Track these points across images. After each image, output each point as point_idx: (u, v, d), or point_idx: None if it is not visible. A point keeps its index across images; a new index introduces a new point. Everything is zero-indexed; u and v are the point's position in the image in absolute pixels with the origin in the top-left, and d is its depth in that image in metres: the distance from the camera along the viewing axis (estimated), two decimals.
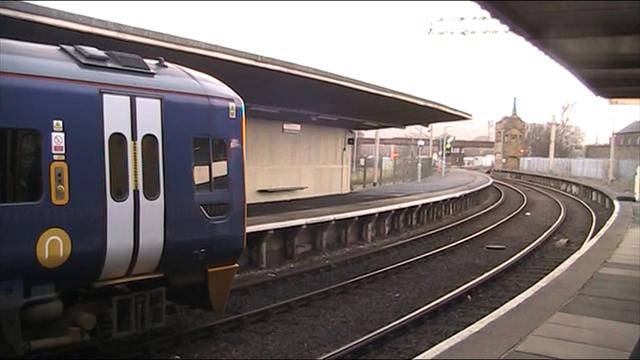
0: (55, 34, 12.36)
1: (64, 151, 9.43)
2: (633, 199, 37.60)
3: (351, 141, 41.60)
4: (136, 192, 10.42)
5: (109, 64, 10.47)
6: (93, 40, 12.44)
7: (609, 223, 26.26)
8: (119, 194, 10.22)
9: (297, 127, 33.38)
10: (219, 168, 12.01)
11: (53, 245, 9.30)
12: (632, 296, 12.09)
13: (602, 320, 10.34)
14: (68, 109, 9.60)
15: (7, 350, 9.32)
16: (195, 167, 11.50)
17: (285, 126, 32.56)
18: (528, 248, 24.75)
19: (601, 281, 13.57)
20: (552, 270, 15.60)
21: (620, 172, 65.81)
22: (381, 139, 69.62)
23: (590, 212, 39.37)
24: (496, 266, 20.74)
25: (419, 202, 33.40)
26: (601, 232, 22.90)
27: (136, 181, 10.43)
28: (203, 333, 13.12)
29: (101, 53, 10.60)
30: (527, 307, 11.19)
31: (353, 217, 26.26)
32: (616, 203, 35.58)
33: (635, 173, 39.83)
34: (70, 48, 10.40)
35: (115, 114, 10.18)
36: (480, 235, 29.34)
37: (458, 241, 26.92)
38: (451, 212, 39.81)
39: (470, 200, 45.32)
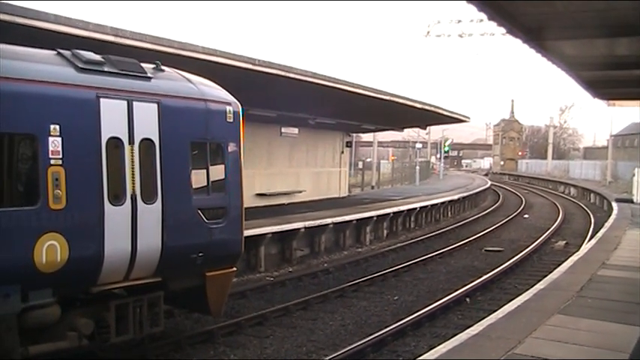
0: (53, 38, 12.32)
1: (61, 156, 9.43)
2: (631, 201, 37.58)
3: (349, 144, 41.57)
4: (133, 196, 10.40)
5: (106, 69, 10.46)
6: (90, 44, 12.42)
7: (607, 225, 26.25)
8: (116, 198, 10.20)
9: (295, 130, 33.34)
10: (217, 172, 11.99)
11: (50, 250, 9.29)
12: (630, 298, 12.09)
13: (601, 322, 10.34)
14: (65, 113, 9.60)
15: (5, 356, 9.30)
16: (193, 171, 11.49)
17: (283, 129, 32.50)
18: (527, 250, 24.72)
19: (599, 283, 13.57)
20: (551, 272, 15.59)
21: (618, 174, 65.76)
22: (379, 142, 69.65)
23: (588, 214, 39.36)
24: (494, 269, 20.72)
25: (417, 205, 33.37)
26: (599, 234, 22.90)
27: (133, 185, 10.42)
28: (201, 337, 13.11)
29: (98, 57, 10.60)
30: (525, 310, 11.18)
31: (351, 221, 26.22)
32: (614, 205, 35.56)
33: (633, 175, 39.81)
34: (67, 52, 10.40)
35: (112, 118, 10.17)
36: (479, 237, 29.29)
37: (456, 243, 26.88)
38: (449, 215, 39.76)
39: (468, 203, 45.28)
